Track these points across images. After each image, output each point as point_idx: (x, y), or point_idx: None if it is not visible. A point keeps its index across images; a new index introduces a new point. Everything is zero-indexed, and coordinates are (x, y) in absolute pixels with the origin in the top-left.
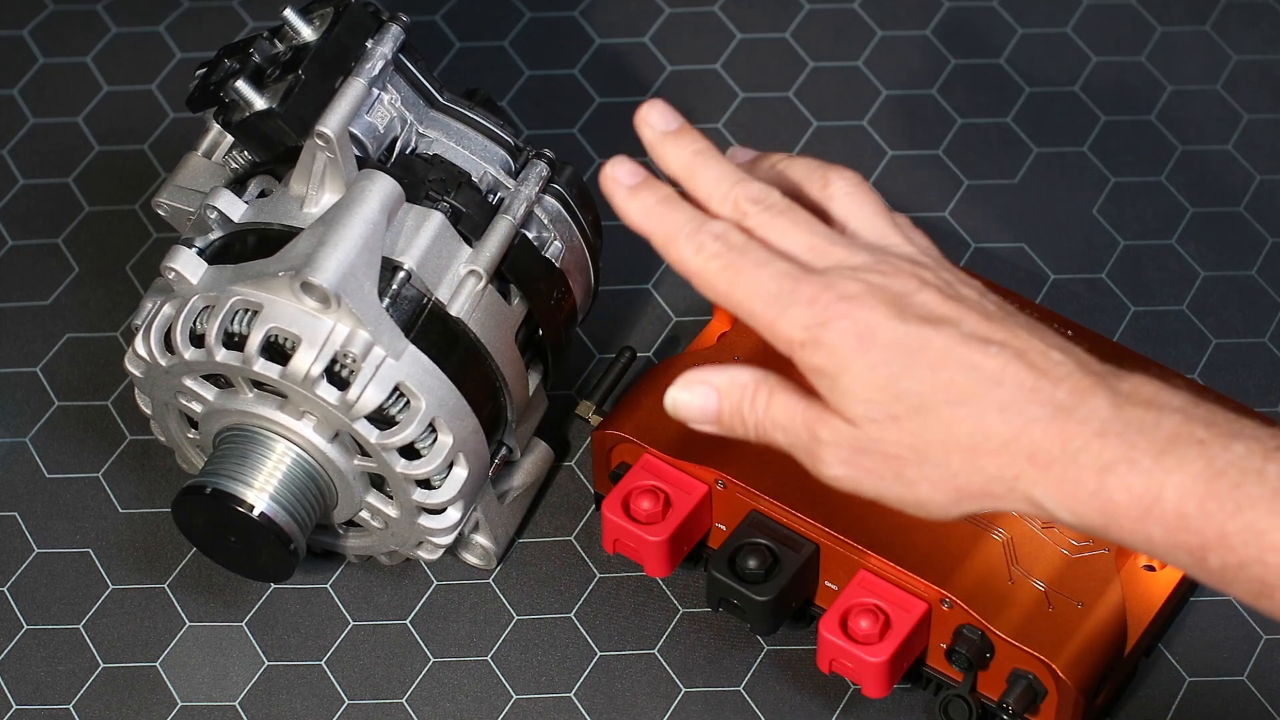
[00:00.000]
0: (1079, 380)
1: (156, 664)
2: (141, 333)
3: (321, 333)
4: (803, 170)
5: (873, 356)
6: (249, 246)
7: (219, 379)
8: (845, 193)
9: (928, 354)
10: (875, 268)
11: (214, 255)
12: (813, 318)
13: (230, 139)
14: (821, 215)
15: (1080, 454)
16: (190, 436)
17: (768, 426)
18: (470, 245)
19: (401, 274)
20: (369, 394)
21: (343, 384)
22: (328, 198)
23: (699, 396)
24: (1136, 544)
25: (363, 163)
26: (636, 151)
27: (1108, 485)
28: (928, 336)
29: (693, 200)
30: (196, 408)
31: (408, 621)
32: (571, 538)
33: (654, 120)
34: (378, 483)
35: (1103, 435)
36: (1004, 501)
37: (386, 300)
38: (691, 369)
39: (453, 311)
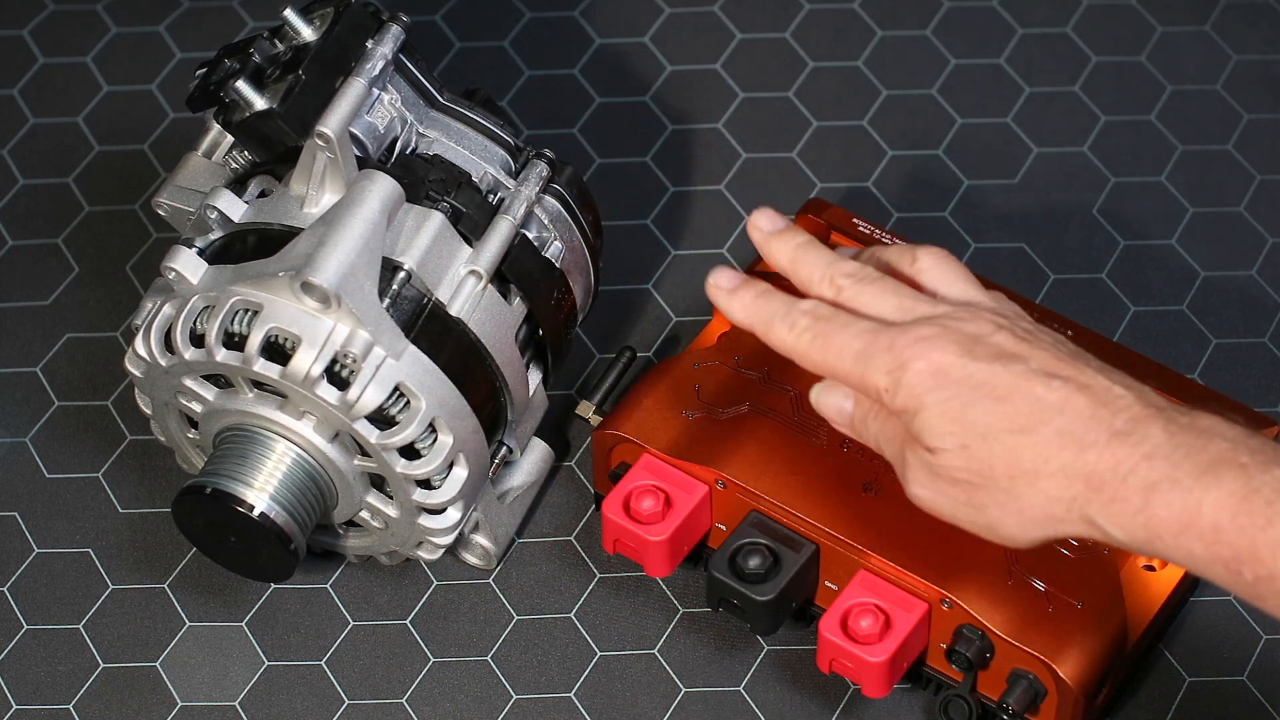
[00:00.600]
0: (1137, 411)
1: (156, 664)
2: (141, 333)
3: (321, 333)
4: (893, 252)
5: (945, 392)
6: (249, 246)
7: (219, 379)
8: (933, 265)
9: (995, 387)
10: (954, 315)
11: (214, 255)
12: (893, 362)
13: (230, 139)
14: (916, 289)
15: (1130, 475)
16: (190, 436)
17: (883, 440)
18: (470, 245)
19: (401, 274)
20: (369, 394)
21: (343, 384)
22: (328, 198)
23: (838, 398)
24: (1179, 559)
25: (363, 163)
26: (635, 150)
27: (1152, 503)
28: (996, 372)
29: (796, 288)
30: (196, 408)
31: (408, 621)
32: (571, 538)
33: (762, 224)
34: (378, 483)
35: (1151, 458)
36: (1066, 524)
37: (386, 300)
38: None
39: (453, 311)
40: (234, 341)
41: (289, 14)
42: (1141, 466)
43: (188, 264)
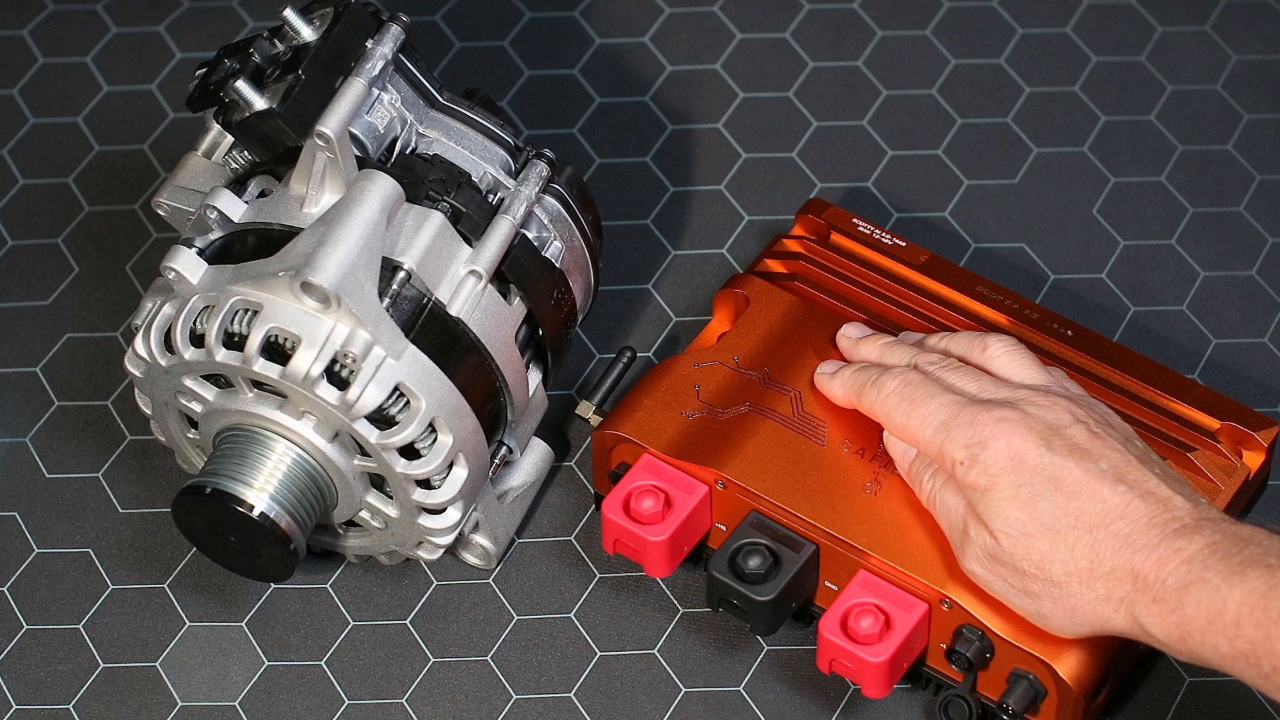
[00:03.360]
0: (1188, 523)
1: (156, 664)
2: (141, 333)
3: (321, 333)
4: (964, 340)
5: (1019, 477)
6: (249, 246)
7: (219, 379)
8: (1003, 352)
9: (1066, 483)
10: (1033, 399)
11: (214, 255)
12: (972, 438)
13: (230, 139)
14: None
15: (1169, 578)
16: (190, 436)
17: (938, 501)
18: (470, 245)
19: (401, 274)
20: (369, 394)
21: (343, 384)
22: (328, 198)
23: (904, 444)
24: (1209, 656)
25: (363, 163)
26: (635, 150)
27: (1185, 602)
28: (1069, 468)
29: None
30: (196, 408)
31: (408, 621)
32: (571, 538)
33: (851, 333)
34: (378, 483)
35: (1189, 562)
36: (1114, 622)
37: (386, 300)
38: None
39: (453, 311)
40: (234, 341)
41: (289, 14)
42: (1180, 569)
43: (188, 264)
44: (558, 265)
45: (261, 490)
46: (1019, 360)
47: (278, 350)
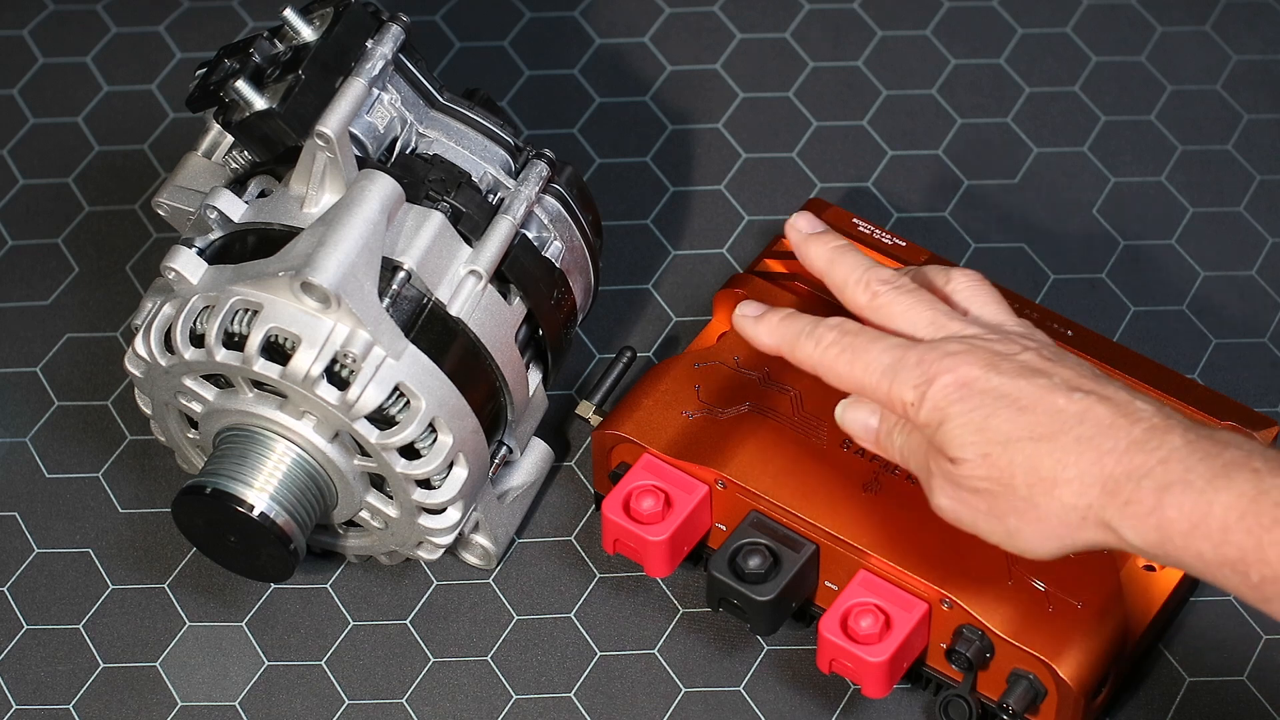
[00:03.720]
0: (1157, 421)
1: (156, 664)
2: (141, 333)
3: (321, 333)
4: (930, 270)
5: (969, 404)
6: (249, 246)
7: (219, 379)
8: (966, 285)
9: (1018, 399)
10: (984, 335)
11: (214, 255)
12: (920, 376)
13: (230, 139)
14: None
15: (1144, 479)
16: (190, 436)
17: (907, 452)
18: (470, 245)
19: (401, 274)
20: (369, 394)
21: (343, 384)
22: (328, 198)
23: (864, 414)
24: (1189, 562)
25: (363, 163)
26: (635, 150)
27: (1164, 504)
28: (1019, 385)
29: (832, 291)
30: (196, 408)
31: (408, 621)
32: (571, 538)
33: (801, 225)
34: (378, 483)
35: (1166, 462)
36: (1083, 532)
37: (386, 300)
38: None
39: (453, 311)
40: (234, 341)
41: (289, 14)
42: (1157, 470)
43: (188, 264)
44: (558, 265)
45: (261, 490)
46: (982, 295)
47: (278, 350)
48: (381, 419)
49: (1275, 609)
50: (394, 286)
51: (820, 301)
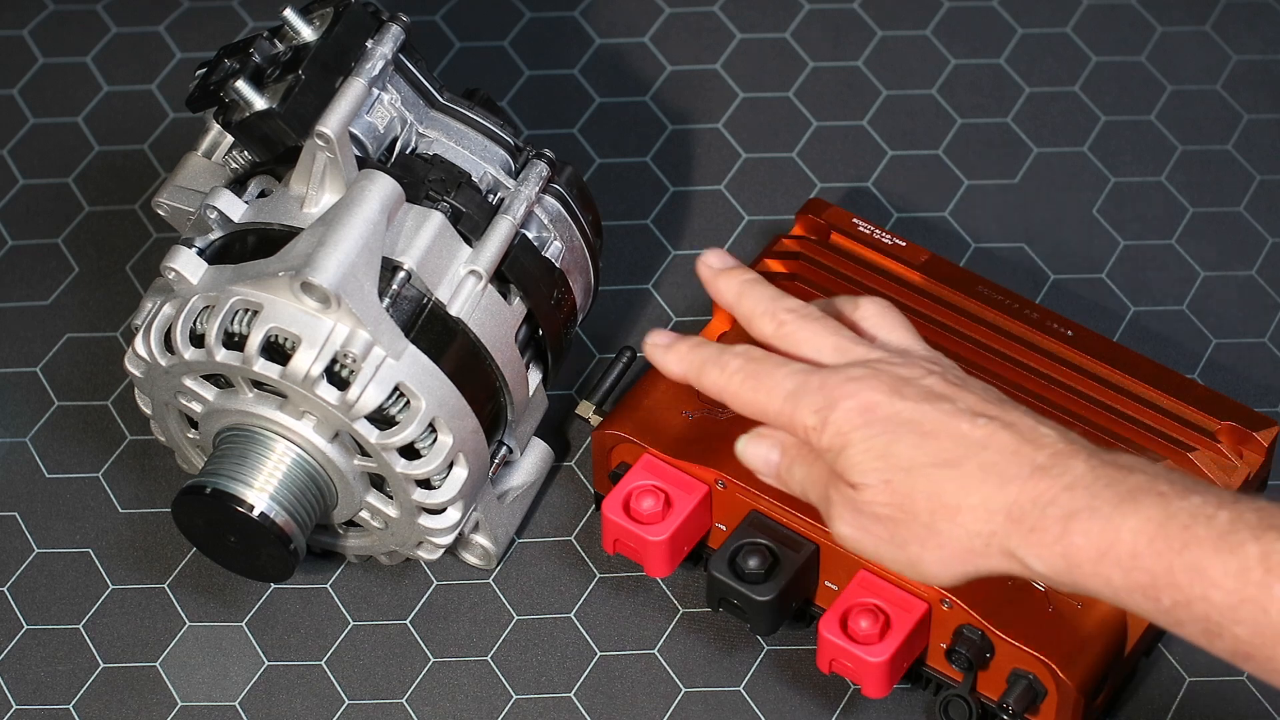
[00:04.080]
0: (1061, 447)
1: (156, 664)
2: (141, 333)
3: (321, 333)
4: (838, 300)
5: (872, 429)
6: (249, 246)
7: (219, 379)
8: (874, 312)
9: (921, 425)
10: (889, 359)
11: (214, 255)
12: (822, 401)
13: (230, 139)
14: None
15: (1049, 507)
16: (190, 436)
17: (808, 484)
18: (470, 245)
19: (401, 274)
20: (369, 394)
21: (343, 384)
22: (328, 198)
23: (764, 448)
24: (1098, 588)
25: (363, 163)
26: (635, 150)
27: (1071, 531)
28: (923, 410)
29: (742, 325)
30: (196, 408)
31: (408, 621)
32: (571, 538)
33: (712, 261)
34: (378, 483)
35: (1071, 489)
36: (986, 559)
37: (386, 300)
38: (762, 425)
39: (453, 311)
40: (234, 341)
41: (289, 14)
42: (1062, 497)
43: (188, 264)
44: (558, 265)
45: (261, 490)
46: (889, 321)
47: (278, 350)
48: (381, 419)
49: (1187, 632)
50: (394, 286)
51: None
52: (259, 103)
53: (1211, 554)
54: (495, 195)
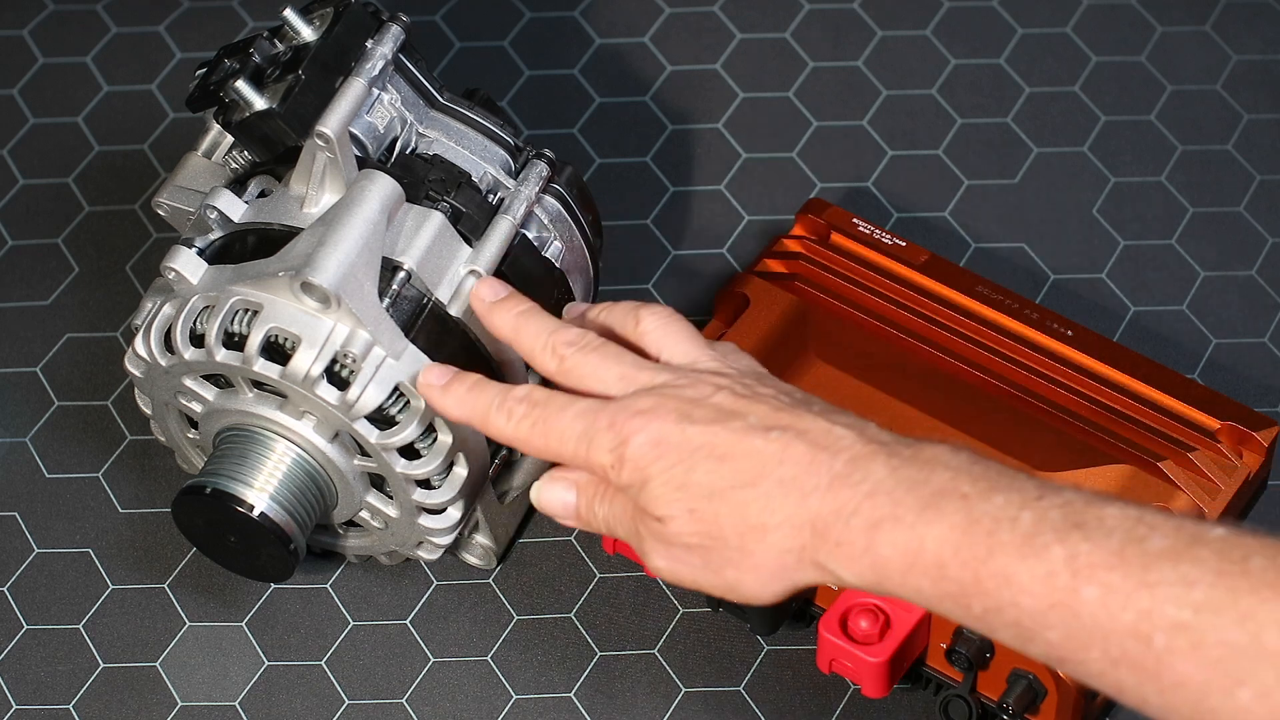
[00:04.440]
0: (859, 450)
1: (156, 664)
2: (141, 333)
3: (321, 333)
4: (619, 314)
5: (667, 460)
6: (249, 246)
7: (219, 379)
8: (655, 326)
9: (714, 448)
10: (674, 383)
11: (214, 255)
12: (614, 439)
13: (230, 139)
14: (639, 353)
15: (853, 517)
16: (190, 436)
17: (613, 521)
18: (470, 245)
19: (401, 274)
20: (369, 394)
21: (343, 384)
22: (328, 198)
23: (559, 491)
24: (910, 597)
25: (363, 163)
26: (635, 150)
27: (876, 542)
28: (714, 432)
29: (523, 357)
30: (196, 408)
31: (408, 621)
32: (571, 538)
33: (484, 293)
34: (378, 483)
35: (873, 496)
36: (801, 573)
37: (386, 300)
38: (556, 467)
39: (453, 311)
40: (234, 341)
41: (289, 14)
42: (865, 506)
43: (188, 264)
44: (558, 265)
45: (261, 490)
46: (672, 334)
47: (278, 350)
48: (381, 419)
49: (1001, 637)
50: (394, 286)
51: (824, 304)
52: (259, 103)
53: (1016, 560)
54: (495, 195)
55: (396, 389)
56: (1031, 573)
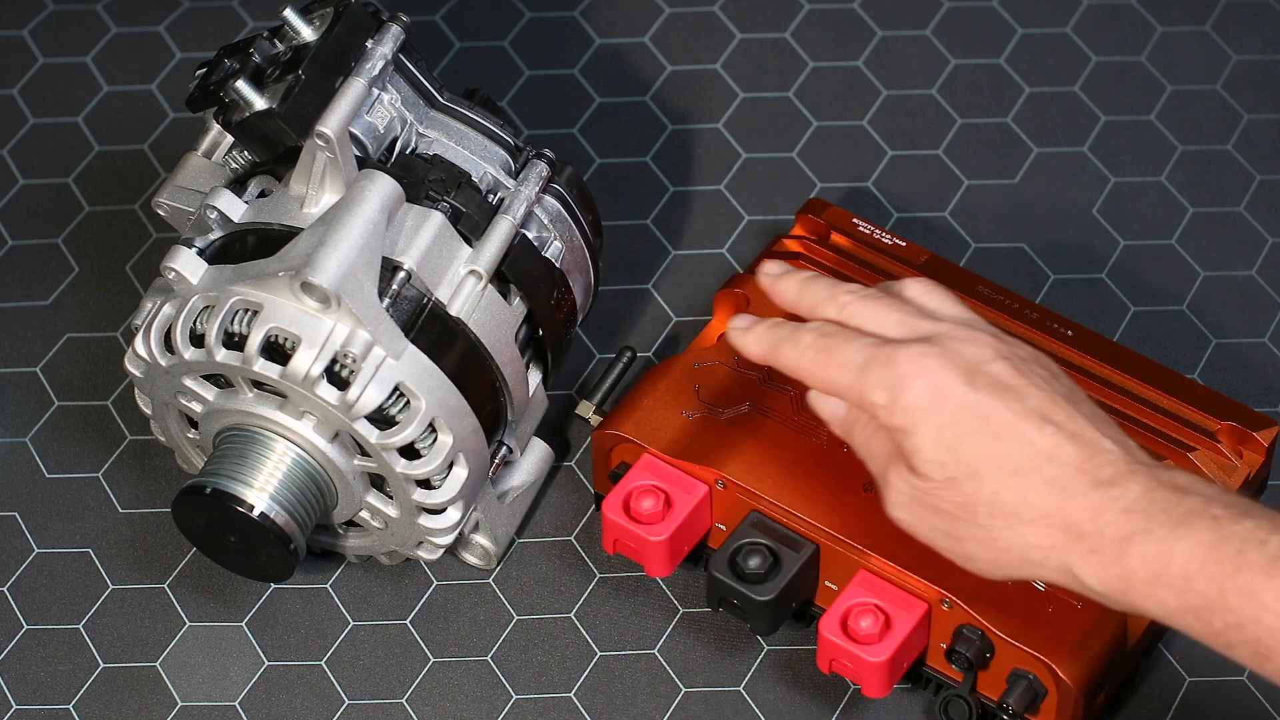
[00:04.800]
0: (1121, 466)
1: (156, 664)
2: (141, 333)
3: (321, 333)
4: (884, 285)
5: (943, 417)
6: (249, 246)
7: (219, 379)
8: (922, 291)
9: (991, 423)
10: (955, 334)
11: (214, 255)
12: (892, 379)
13: (230, 139)
14: None
15: (1107, 527)
16: (190, 436)
17: (867, 450)
18: (470, 245)
19: (401, 274)
20: (369, 394)
21: (343, 384)
22: (328, 198)
23: (833, 400)
24: (1153, 609)
25: (363, 163)
26: (635, 150)
27: (1126, 553)
28: (994, 406)
29: (806, 319)
30: (196, 408)
31: (408, 621)
32: (571, 538)
33: (770, 269)
34: (378, 483)
35: (1129, 512)
36: (1042, 569)
37: (386, 300)
38: None
39: (453, 311)
40: (234, 341)
41: (289, 14)
42: (1120, 519)
43: (188, 264)
44: (558, 265)
45: (261, 490)
46: (939, 296)
47: (278, 350)
48: (381, 419)
49: (1238, 654)
50: (394, 286)
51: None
52: (259, 103)
53: (1263, 578)
54: (495, 195)
55: (396, 389)
56: (1276, 592)
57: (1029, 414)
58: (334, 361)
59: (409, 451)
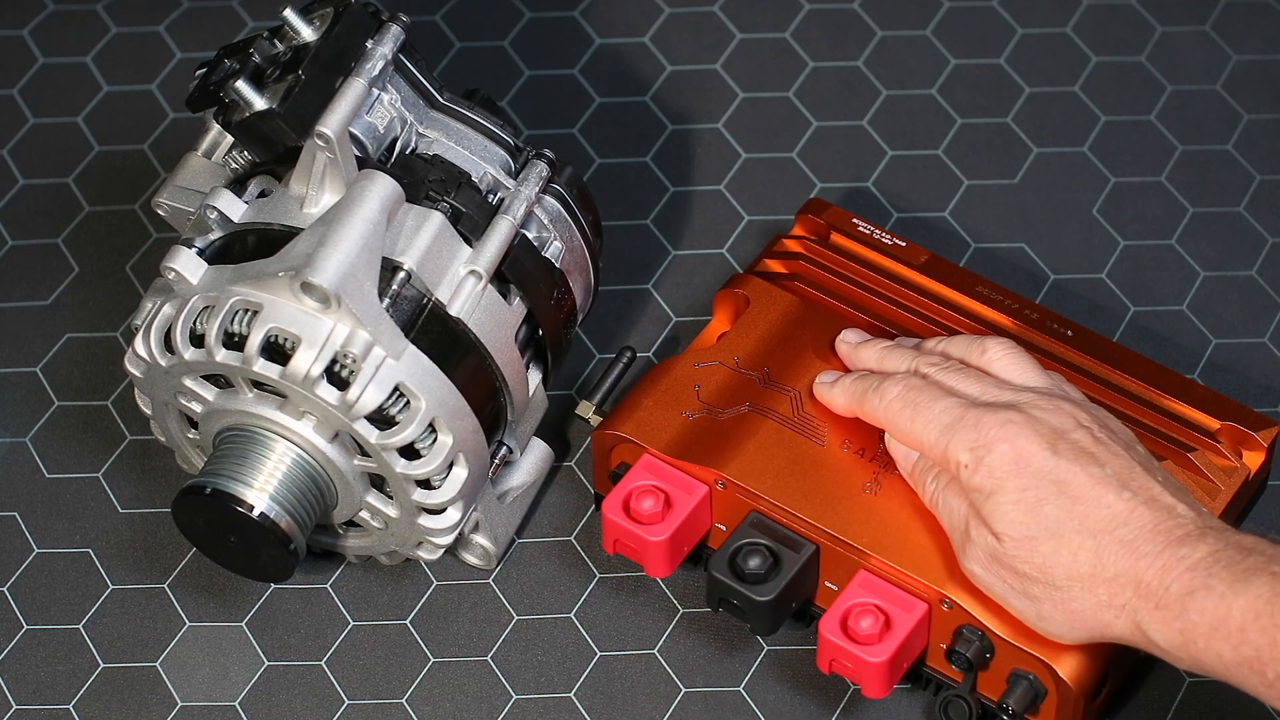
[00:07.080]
0: (1192, 529)
1: (156, 664)
2: (141, 333)
3: (321, 333)
4: (963, 343)
5: (1024, 480)
6: (249, 246)
7: (219, 379)
8: (1003, 355)
9: (1071, 487)
10: (1037, 403)
11: (214, 255)
12: (977, 440)
13: (230, 139)
14: None
15: (1173, 584)
16: (190, 436)
17: (939, 502)
18: (470, 245)
19: (401, 274)
20: (369, 394)
21: (343, 384)
22: (328, 198)
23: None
24: (1209, 663)
25: (363, 163)
26: (635, 150)
27: (1188, 608)
28: (1074, 472)
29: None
30: (196, 408)
31: (408, 621)
32: (571, 538)
33: (850, 338)
34: (378, 483)
35: (1193, 570)
36: (1115, 628)
37: (386, 300)
38: None
39: (453, 311)
40: (234, 341)
41: (289, 14)
42: (1185, 576)
43: (188, 264)
44: (558, 265)
45: (261, 490)
46: (1019, 362)
47: (278, 350)
48: (381, 419)
49: None
50: (394, 286)
51: (824, 304)
52: (259, 103)
53: None
54: (495, 195)
55: (396, 389)
56: None
57: (1108, 479)
58: (334, 362)
59: (409, 451)
